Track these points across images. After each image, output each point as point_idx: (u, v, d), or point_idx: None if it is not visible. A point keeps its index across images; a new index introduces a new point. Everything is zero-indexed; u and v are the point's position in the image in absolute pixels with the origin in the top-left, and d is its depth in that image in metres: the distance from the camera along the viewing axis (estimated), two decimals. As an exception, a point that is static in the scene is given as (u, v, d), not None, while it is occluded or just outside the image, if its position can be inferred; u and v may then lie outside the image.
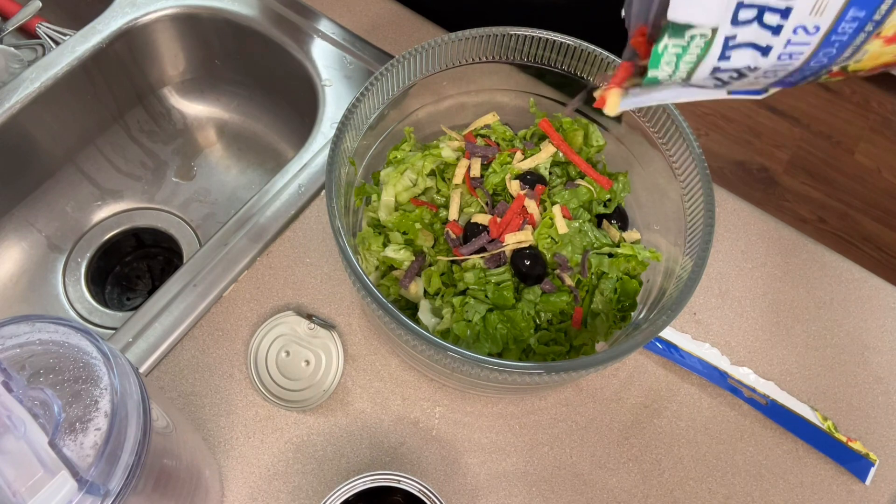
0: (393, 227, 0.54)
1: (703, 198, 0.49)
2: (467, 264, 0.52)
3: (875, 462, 0.58)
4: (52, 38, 0.80)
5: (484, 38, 0.54)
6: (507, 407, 0.58)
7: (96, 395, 0.32)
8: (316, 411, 0.57)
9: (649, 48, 0.37)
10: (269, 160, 0.86)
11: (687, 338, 0.62)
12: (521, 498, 0.55)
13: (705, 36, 0.35)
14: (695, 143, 0.51)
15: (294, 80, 0.77)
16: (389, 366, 0.59)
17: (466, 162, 0.56)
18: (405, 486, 0.45)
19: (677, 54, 0.36)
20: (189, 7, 0.77)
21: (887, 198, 1.78)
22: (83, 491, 0.30)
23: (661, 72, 0.37)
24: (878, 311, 0.65)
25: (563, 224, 0.53)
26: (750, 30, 0.35)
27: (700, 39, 0.35)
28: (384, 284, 0.54)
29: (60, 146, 0.78)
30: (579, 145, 0.58)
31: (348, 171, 0.53)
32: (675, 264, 0.52)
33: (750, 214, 0.70)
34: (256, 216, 0.64)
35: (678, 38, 0.35)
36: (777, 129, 1.84)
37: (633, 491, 0.56)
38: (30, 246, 0.78)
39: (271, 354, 0.57)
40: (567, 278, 0.53)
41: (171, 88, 0.85)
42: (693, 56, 0.36)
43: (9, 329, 0.33)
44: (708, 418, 0.59)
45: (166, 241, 0.82)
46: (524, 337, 0.51)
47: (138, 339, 0.58)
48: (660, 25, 0.36)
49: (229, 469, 0.54)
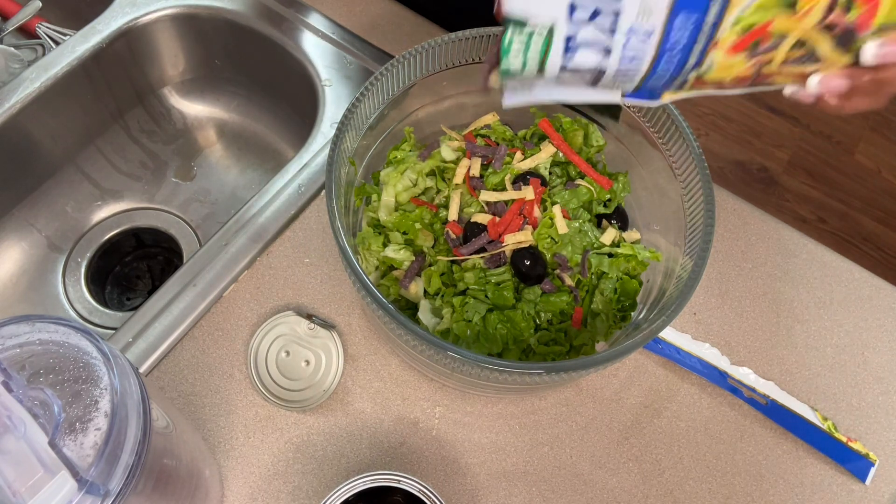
0: (393, 227, 0.54)
1: (703, 198, 0.49)
2: (467, 264, 0.52)
3: (875, 462, 0.58)
4: (52, 38, 0.80)
5: (484, 38, 0.54)
6: (507, 407, 0.58)
7: (96, 395, 0.32)
8: (316, 411, 0.57)
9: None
10: (269, 160, 0.86)
11: (687, 338, 0.62)
12: (521, 498, 0.55)
13: (542, 34, 0.36)
14: (695, 143, 0.51)
15: (294, 80, 0.77)
16: (389, 366, 0.59)
17: (466, 162, 0.56)
18: (405, 486, 0.45)
19: (522, 49, 0.37)
20: (189, 7, 0.77)
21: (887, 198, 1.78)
22: (83, 491, 0.30)
23: (512, 63, 0.38)
24: (878, 311, 0.65)
25: (563, 224, 0.52)
26: (588, 30, 0.36)
27: (538, 37, 0.36)
28: (384, 284, 0.54)
29: (60, 146, 0.78)
30: (579, 145, 0.58)
31: (348, 171, 0.53)
32: (675, 264, 0.52)
33: (750, 214, 0.70)
34: (256, 216, 0.64)
35: (519, 34, 0.36)
36: (777, 129, 1.84)
37: (633, 491, 0.56)
38: (30, 246, 0.78)
39: (271, 354, 0.57)
40: (567, 278, 0.53)
41: (171, 88, 0.85)
42: (536, 52, 0.37)
43: (9, 329, 0.33)
44: (708, 418, 0.59)
45: (166, 241, 0.82)
46: (524, 337, 0.51)
47: (138, 339, 0.58)
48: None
49: (229, 469, 0.54)
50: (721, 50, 0.36)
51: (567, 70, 0.38)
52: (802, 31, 0.35)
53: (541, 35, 0.36)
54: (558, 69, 0.38)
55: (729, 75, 0.38)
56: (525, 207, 0.53)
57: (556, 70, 0.38)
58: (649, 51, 0.36)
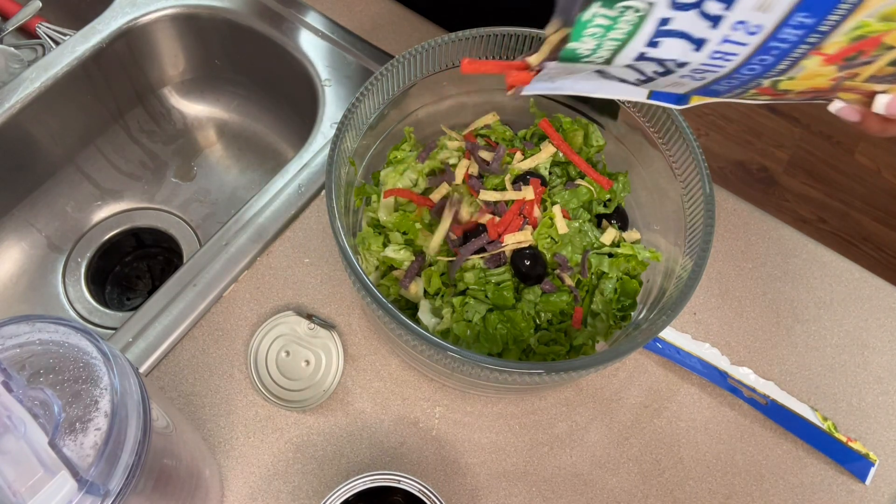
0: (393, 227, 0.54)
1: (703, 198, 0.49)
2: (467, 264, 0.52)
3: (875, 462, 0.58)
4: (52, 38, 0.80)
5: (484, 38, 0.54)
6: (507, 407, 0.58)
7: (96, 395, 0.32)
8: (316, 411, 0.57)
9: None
10: (269, 160, 0.86)
11: (687, 338, 0.62)
12: (521, 498, 0.55)
13: (639, 11, 0.31)
14: (695, 143, 0.51)
15: (294, 80, 0.77)
16: (389, 366, 0.59)
17: (466, 162, 0.56)
18: (405, 486, 0.45)
19: (604, 27, 0.32)
20: (189, 7, 0.77)
21: (887, 198, 1.78)
22: (83, 491, 0.30)
23: (583, 45, 0.33)
24: (878, 311, 0.65)
25: (563, 224, 0.52)
26: (688, 16, 0.31)
27: (632, 14, 0.31)
28: (384, 284, 0.54)
29: (60, 146, 0.78)
30: (579, 145, 0.58)
31: (348, 171, 0.53)
32: (675, 264, 0.52)
33: (750, 214, 0.70)
34: (256, 216, 0.64)
35: (608, 8, 0.31)
36: (777, 129, 1.84)
37: (633, 491, 0.56)
38: (30, 246, 0.78)
39: (271, 354, 0.57)
40: (567, 278, 0.53)
41: (171, 88, 0.85)
42: (621, 33, 0.32)
43: (9, 329, 0.33)
44: (708, 418, 0.59)
45: (166, 241, 0.82)
46: (524, 337, 0.51)
47: (138, 339, 0.58)
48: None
49: (229, 469, 0.54)
50: (819, 58, 0.32)
51: (640, 60, 0.34)
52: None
53: (637, 13, 0.31)
54: (631, 59, 0.34)
55: (805, 86, 0.34)
56: (525, 207, 0.53)
57: (628, 59, 0.34)
58: (746, 51, 0.32)
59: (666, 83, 0.36)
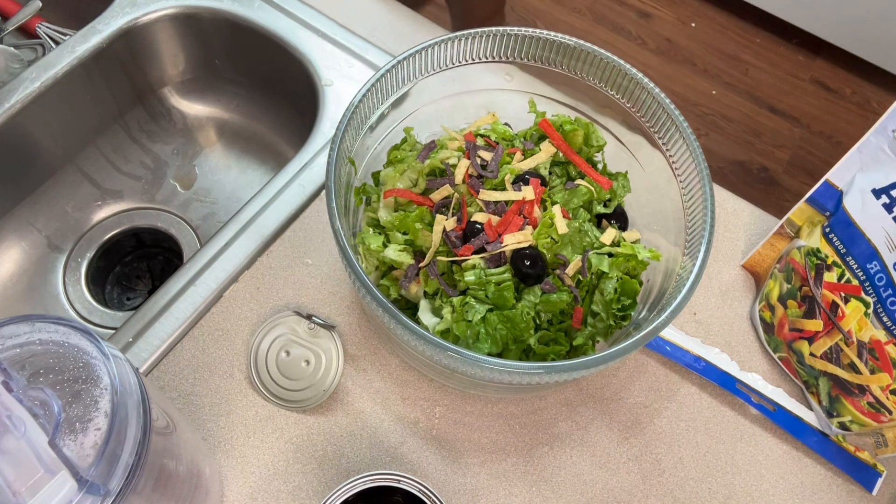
0: (393, 228, 0.54)
1: (703, 198, 0.49)
2: (467, 264, 0.52)
3: (882, 473, 0.58)
4: (52, 38, 0.80)
5: (484, 38, 0.54)
6: (507, 407, 0.58)
7: (96, 395, 0.32)
8: (316, 411, 0.57)
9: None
10: (269, 160, 0.86)
11: (697, 342, 0.62)
12: (521, 498, 0.55)
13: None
14: (695, 143, 0.51)
15: (294, 80, 0.77)
16: (389, 366, 0.59)
17: (466, 162, 0.56)
18: (405, 486, 0.45)
19: None
20: (189, 7, 0.77)
21: (887, 198, 1.78)
22: (83, 491, 0.30)
23: None
24: (878, 311, 0.65)
25: (563, 224, 0.52)
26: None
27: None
28: (384, 284, 0.54)
29: (60, 146, 0.79)
30: (579, 145, 0.58)
31: (348, 171, 0.53)
32: (675, 264, 0.52)
33: (750, 214, 0.69)
34: (256, 216, 0.64)
35: None
36: (777, 129, 1.84)
37: (633, 491, 0.56)
38: (30, 246, 0.78)
39: (271, 354, 0.57)
40: (567, 278, 0.53)
41: (171, 88, 0.85)
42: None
43: (9, 329, 0.33)
44: (708, 418, 0.59)
45: (166, 241, 0.82)
46: (524, 337, 0.51)
47: (138, 339, 0.58)
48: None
49: (229, 469, 0.54)
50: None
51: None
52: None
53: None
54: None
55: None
56: (525, 207, 0.53)
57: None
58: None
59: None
